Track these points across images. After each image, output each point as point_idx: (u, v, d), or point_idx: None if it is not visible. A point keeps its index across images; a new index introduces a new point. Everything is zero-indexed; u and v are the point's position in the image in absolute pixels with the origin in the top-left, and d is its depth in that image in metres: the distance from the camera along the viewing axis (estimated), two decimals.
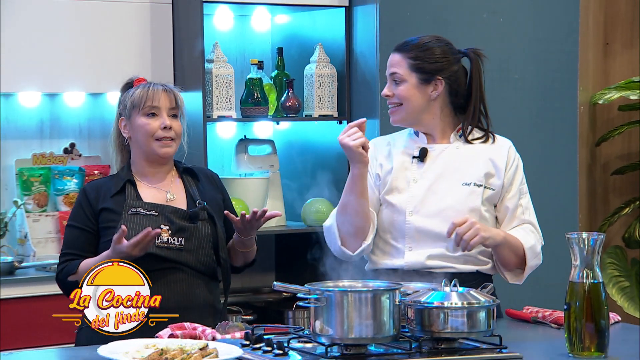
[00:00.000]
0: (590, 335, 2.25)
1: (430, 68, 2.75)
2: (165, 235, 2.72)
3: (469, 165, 2.76)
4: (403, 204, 2.73)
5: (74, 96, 4.03)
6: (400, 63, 2.76)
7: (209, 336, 2.44)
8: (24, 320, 3.57)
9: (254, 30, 4.35)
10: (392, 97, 2.78)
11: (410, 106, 2.76)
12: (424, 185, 2.74)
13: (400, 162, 2.78)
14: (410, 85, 2.75)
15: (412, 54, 2.76)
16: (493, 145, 2.81)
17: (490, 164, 2.77)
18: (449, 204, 2.72)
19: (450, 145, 2.79)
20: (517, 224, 2.77)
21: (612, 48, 4.80)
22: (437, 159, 2.77)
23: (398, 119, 2.80)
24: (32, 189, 3.94)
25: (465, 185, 2.74)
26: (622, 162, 4.78)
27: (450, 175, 2.75)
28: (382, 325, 2.23)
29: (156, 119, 2.76)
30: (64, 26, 3.87)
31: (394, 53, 2.80)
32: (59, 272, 2.78)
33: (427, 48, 2.77)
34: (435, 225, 2.70)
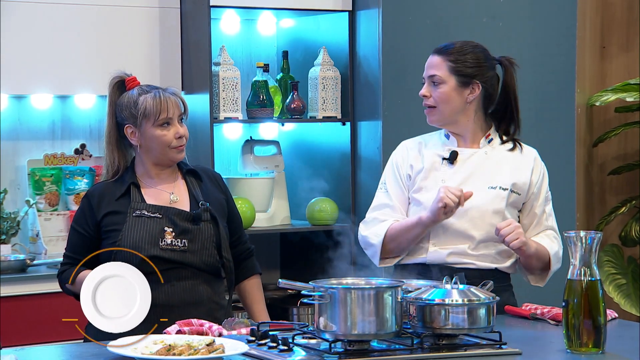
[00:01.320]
0: (587, 331, 2.26)
1: (469, 72, 2.83)
2: (169, 238, 2.72)
3: (496, 170, 2.84)
4: (430, 202, 2.78)
5: (85, 98, 4.05)
6: (440, 65, 2.83)
7: (216, 332, 2.45)
8: (35, 316, 3.59)
9: (259, 34, 4.38)
10: (429, 99, 2.85)
11: (448, 108, 2.83)
12: (452, 186, 2.80)
13: (430, 163, 2.86)
14: (448, 87, 2.83)
15: (452, 57, 2.83)
16: (520, 153, 2.89)
17: (517, 171, 2.85)
18: (474, 205, 2.78)
19: (479, 150, 2.86)
20: (541, 230, 2.87)
21: (608, 51, 4.80)
22: (466, 162, 2.85)
23: (434, 120, 2.87)
24: (43, 189, 3.97)
25: (491, 188, 2.82)
26: (619, 162, 4.78)
27: (477, 178, 2.83)
28: (384, 322, 2.24)
29: (170, 129, 2.74)
30: (75, 30, 3.89)
31: (433, 55, 2.86)
32: (59, 273, 2.81)
33: (467, 52, 2.84)
34: (460, 224, 2.79)
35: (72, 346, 2.56)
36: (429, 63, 2.86)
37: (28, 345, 2.71)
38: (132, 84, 2.80)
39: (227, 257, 2.79)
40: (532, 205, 2.86)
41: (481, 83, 2.84)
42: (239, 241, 2.90)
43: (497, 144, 2.89)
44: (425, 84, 2.86)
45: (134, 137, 2.78)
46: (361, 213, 4.15)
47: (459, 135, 2.88)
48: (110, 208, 2.76)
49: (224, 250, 2.78)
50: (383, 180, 2.94)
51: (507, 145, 2.90)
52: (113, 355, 2.25)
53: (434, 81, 2.84)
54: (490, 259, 2.81)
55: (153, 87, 2.79)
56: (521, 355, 2.29)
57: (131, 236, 2.70)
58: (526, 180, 2.85)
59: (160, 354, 2.19)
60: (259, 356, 2.26)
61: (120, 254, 2.69)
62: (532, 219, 2.87)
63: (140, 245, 2.70)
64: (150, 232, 2.71)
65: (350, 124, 4.17)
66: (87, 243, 2.77)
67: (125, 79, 2.81)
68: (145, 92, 2.76)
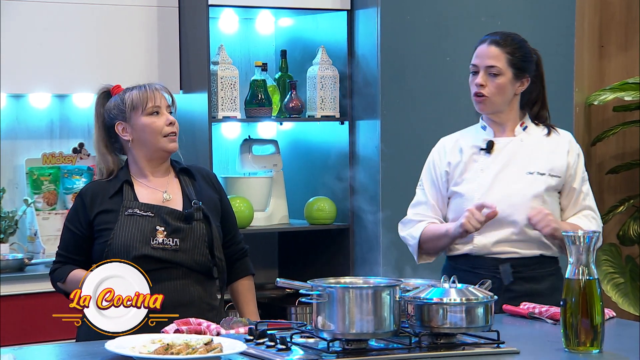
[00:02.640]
0: (585, 330, 2.27)
1: (523, 65, 2.92)
2: (160, 237, 2.72)
3: (533, 156, 2.93)
4: (471, 192, 2.91)
5: (83, 97, 4.05)
6: (499, 57, 2.90)
7: (214, 331, 2.44)
8: (33, 315, 3.60)
9: (258, 33, 4.38)
10: (485, 88, 2.90)
11: (501, 99, 2.91)
12: (491, 174, 2.91)
13: (468, 155, 2.96)
14: (505, 79, 2.90)
15: (510, 50, 2.91)
16: (554, 137, 2.97)
17: (553, 155, 2.94)
18: (514, 191, 2.89)
19: (515, 138, 2.95)
20: (579, 210, 2.95)
21: (607, 50, 4.81)
22: (502, 151, 2.94)
23: (485, 109, 2.94)
24: (41, 188, 3.98)
25: (529, 174, 2.91)
26: (617, 161, 4.79)
27: (514, 165, 2.93)
28: (382, 321, 2.24)
29: (160, 117, 2.76)
30: (74, 29, 3.89)
31: (490, 45, 2.92)
32: (51, 272, 2.82)
33: (520, 46, 2.94)
34: (502, 210, 2.86)
35: (70, 345, 2.57)
36: (485, 53, 2.91)
37: (26, 345, 2.72)
38: (117, 91, 2.83)
39: (219, 256, 2.79)
40: (570, 186, 2.95)
41: (530, 77, 2.94)
42: (232, 241, 2.90)
43: (532, 130, 2.98)
44: (481, 73, 2.91)
45: (125, 133, 2.78)
46: (359, 212, 4.17)
47: (498, 124, 2.96)
48: (103, 207, 2.76)
49: (216, 250, 2.77)
50: (421, 178, 3.04)
51: (542, 130, 2.98)
52: (111, 355, 2.25)
53: (492, 72, 2.89)
54: (536, 245, 2.89)
55: (147, 84, 2.81)
56: (519, 355, 2.29)
57: (123, 235, 2.71)
58: (563, 162, 2.94)
59: (158, 353, 2.19)
60: (257, 355, 2.26)
61: (112, 254, 2.69)
62: (570, 199, 2.95)
63: (131, 244, 2.70)
64: (141, 231, 2.72)
65: (348, 123, 4.18)
66: (79, 242, 2.78)
67: (110, 89, 2.84)
68: (130, 89, 2.80)
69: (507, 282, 2.88)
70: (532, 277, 2.88)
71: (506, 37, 2.93)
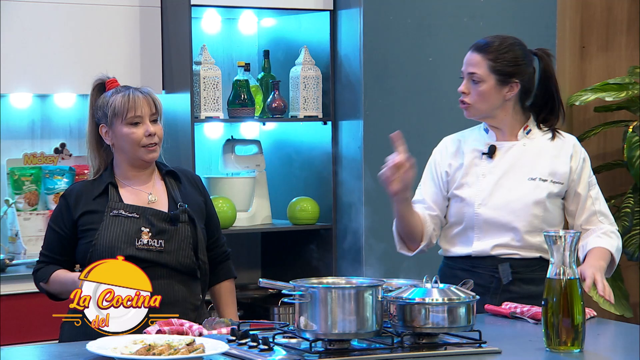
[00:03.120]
0: (566, 330, 2.28)
1: (508, 71, 2.86)
2: (145, 238, 2.72)
3: (535, 162, 2.89)
4: (472, 197, 2.88)
5: (65, 97, 4.04)
6: (480, 64, 2.86)
7: (196, 332, 2.44)
8: (14, 316, 3.59)
9: (240, 33, 4.38)
10: (467, 95, 2.89)
11: (485, 105, 2.88)
12: (492, 180, 2.88)
13: (470, 159, 2.92)
14: (487, 86, 2.86)
15: (492, 56, 2.86)
16: (558, 141, 2.94)
17: (556, 160, 2.90)
18: (515, 197, 2.86)
19: (517, 143, 2.92)
20: (588, 215, 2.91)
21: (588, 51, 4.83)
22: (504, 156, 2.90)
23: (470, 115, 2.92)
24: (23, 188, 3.96)
25: (531, 180, 2.88)
26: (598, 161, 4.79)
27: (517, 170, 2.89)
28: (364, 321, 2.25)
29: (139, 127, 2.74)
30: (55, 29, 3.88)
31: (473, 52, 2.89)
32: (34, 271, 2.81)
33: (506, 51, 2.87)
34: (502, 216, 2.85)
35: (52, 346, 2.56)
36: (468, 60, 2.90)
37: (7, 346, 2.71)
38: (111, 85, 2.81)
39: (203, 258, 2.79)
40: (575, 190, 2.92)
41: (520, 81, 2.88)
42: (216, 244, 2.90)
43: (536, 134, 2.94)
44: (465, 80, 2.90)
45: (107, 137, 2.79)
46: (342, 212, 4.17)
47: (497, 128, 2.93)
48: (88, 207, 2.76)
49: (200, 252, 2.78)
50: (423, 177, 3.01)
51: (546, 135, 2.95)
52: (92, 355, 2.24)
53: (473, 79, 2.87)
54: (535, 248, 2.88)
55: (127, 87, 2.79)
56: (501, 354, 2.30)
57: (107, 235, 2.71)
58: (566, 168, 2.91)
59: (140, 354, 2.19)
60: (240, 356, 2.26)
61: (96, 254, 2.69)
62: (577, 204, 2.92)
63: (115, 245, 2.70)
64: (126, 232, 2.72)
65: (331, 123, 4.19)
66: (63, 242, 2.78)
67: (105, 81, 2.82)
68: (117, 92, 2.78)
69: (506, 281, 2.87)
70: (531, 280, 2.86)
71: (491, 43, 2.88)
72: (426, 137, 4.15)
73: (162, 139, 2.80)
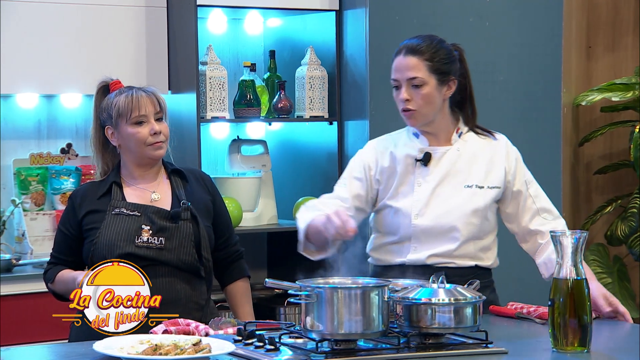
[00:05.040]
0: (573, 330, 2.27)
1: (446, 68, 2.76)
2: (145, 235, 2.72)
3: (470, 167, 2.80)
4: (408, 207, 2.77)
5: (71, 97, 4.05)
6: (418, 66, 2.74)
7: (202, 332, 2.44)
8: (21, 316, 3.60)
9: (246, 34, 4.38)
10: (411, 102, 2.75)
11: (430, 109, 2.76)
12: (428, 189, 2.78)
13: (404, 167, 2.80)
14: (430, 87, 2.75)
15: (428, 56, 2.74)
16: (491, 142, 2.86)
17: (491, 164, 2.82)
18: (452, 207, 2.77)
19: (451, 148, 2.82)
20: (531, 215, 2.82)
21: (594, 51, 4.83)
22: (439, 162, 2.80)
23: (416, 123, 2.79)
24: (29, 188, 3.97)
25: (467, 187, 2.79)
26: (605, 161, 4.81)
27: (452, 178, 2.79)
28: (371, 321, 2.25)
29: (144, 126, 2.75)
30: (62, 29, 3.89)
31: (408, 56, 2.75)
32: (44, 272, 2.83)
33: (439, 48, 2.76)
34: (440, 226, 2.77)
35: (58, 346, 2.57)
36: (403, 65, 2.75)
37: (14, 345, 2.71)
38: (115, 87, 2.82)
39: (206, 257, 2.78)
40: (511, 192, 2.83)
41: (456, 78, 2.78)
42: (227, 243, 2.90)
43: (467, 137, 2.84)
44: (404, 87, 2.76)
45: (113, 138, 2.80)
46: None
47: (430, 133, 2.81)
48: (91, 207, 2.77)
49: (203, 250, 2.77)
50: (345, 176, 2.85)
51: (477, 136, 2.85)
52: (99, 355, 2.25)
53: (414, 84, 2.74)
54: (470, 257, 2.81)
55: (130, 88, 2.80)
56: (507, 355, 2.29)
57: (108, 234, 2.72)
58: (501, 171, 2.82)
59: (146, 354, 2.19)
60: (246, 356, 2.26)
61: (97, 252, 2.70)
62: (517, 205, 2.83)
63: (115, 243, 2.71)
64: (127, 230, 2.72)
65: (337, 123, 4.18)
66: (70, 243, 2.79)
67: (109, 83, 2.83)
68: (121, 92, 2.79)
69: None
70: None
71: (421, 43, 2.75)
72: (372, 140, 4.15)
73: (169, 137, 2.81)
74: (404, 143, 2.83)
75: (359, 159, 2.86)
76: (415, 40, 2.78)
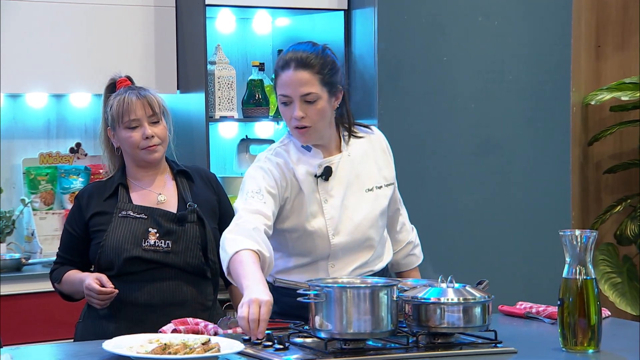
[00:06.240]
0: (583, 330, 2.27)
1: (334, 79, 2.60)
2: (152, 238, 2.72)
3: (364, 170, 2.70)
4: (323, 228, 2.63)
5: (80, 97, 4.06)
6: (311, 81, 2.56)
7: (211, 331, 2.44)
8: (30, 315, 3.61)
9: (255, 33, 4.39)
10: (306, 119, 2.57)
11: (323, 124, 2.61)
12: (336, 204, 2.65)
13: (307, 185, 2.64)
14: (323, 101, 2.58)
15: (318, 68, 2.57)
16: (373, 139, 2.75)
17: (381, 162, 2.75)
18: (363, 216, 2.67)
19: (342, 154, 2.68)
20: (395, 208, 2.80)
21: (603, 50, 4.82)
22: (336, 173, 2.66)
23: (311, 140, 2.62)
24: (39, 188, 3.99)
25: (369, 191, 2.70)
26: (614, 161, 4.80)
27: (353, 185, 2.68)
28: (380, 321, 2.25)
29: (137, 130, 2.74)
30: (71, 29, 3.90)
31: (299, 70, 2.56)
32: (50, 272, 2.84)
33: (324, 58, 2.60)
34: (356, 239, 2.66)
35: (68, 345, 2.57)
36: (295, 80, 2.55)
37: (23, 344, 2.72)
38: (121, 84, 2.81)
39: (212, 259, 2.77)
40: (395, 188, 2.79)
41: (342, 87, 2.64)
42: None
43: (351, 140, 2.71)
44: (297, 104, 2.55)
45: (114, 139, 2.80)
46: None
47: (322, 145, 2.66)
48: (98, 208, 2.77)
49: (210, 253, 2.76)
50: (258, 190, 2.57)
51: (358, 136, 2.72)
52: (108, 354, 2.25)
53: (308, 100, 2.56)
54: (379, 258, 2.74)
55: (127, 89, 2.78)
56: (517, 354, 2.29)
57: (115, 236, 2.71)
58: (390, 166, 2.76)
59: (155, 353, 2.19)
60: (255, 355, 2.26)
61: (104, 255, 2.71)
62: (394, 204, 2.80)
63: (122, 246, 2.70)
64: (133, 233, 2.72)
65: None
66: (77, 243, 2.79)
67: (116, 81, 2.83)
68: (117, 95, 2.78)
69: None
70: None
71: (310, 55, 2.58)
72: (441, 137, 4.16)
73: (166, 139, 2.78)
74: (297, 158, 2.65)
75: (269, 174, 2.61)
76: (302, 51, 2.60)
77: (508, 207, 4.22)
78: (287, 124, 2.63)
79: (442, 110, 4.13)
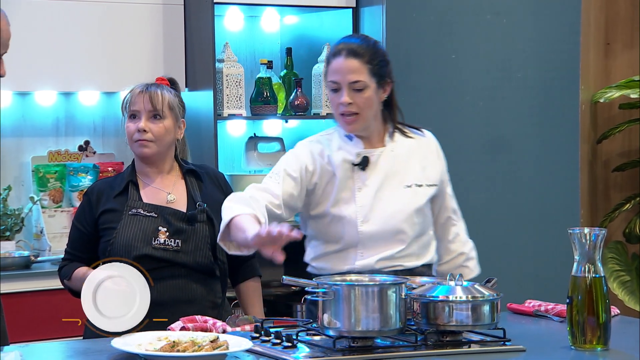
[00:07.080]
0: (592, 328, 2.27)
1: (384, 71, 2.70)
2: (162, 237, 2.73)
3: (406, 167, 2.75)
4: (353, 215, 2.68)
5: (89, 95, 4.07)
6: (360, 69, 2.65)
7: (220, 329, 2.45)
8: (39, 313, 3.61)
9: (263, 31, 4.39)
10: (352, 105, 2.66)
11: (370, 113, 2.69)
12: (370, 193, 2.70)
13: (342, 172, 2.70)
14: (371, 91, 2.67)
15: (368, 58, 2.67)
16: (422, 141, 2.82)
17: (426, 161, 2.78)
18: (396, 209, 2.70)
19: (385, 149, 2.74)
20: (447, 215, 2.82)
21: (612, 48, 4.81)
22: (377, 165, 2.72)
23: (358, 128, 2.70)
24: (47, 185, 3.99)
25: (407, 187, 2.73)
26: (623, 159, 4.79)
27: (391, 179, 2.72)
28: (388, 319, 2.25)
29: (135, 122, 2.78)
30: (79, 27, 3.90)
31: (349, 59, 2.66)
32: (59, 269, 2.85)
33: (377, 50, 2.70)
34: (386, 231, 2.70)
35: (76, 342, 2.58)
36: (345, 67, 2.65)
37: (32, 342, 2.73)
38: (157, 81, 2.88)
39: (221, 259, 2.79)
40: (445, 191, 2.82)
41: (391, 80, 2.73)
42: None
43: (396, 137, 2.77)
44: (344, 90, 2.65)
45: None
46: None
47: (365, 136, 2.73)
48: (108, 206, 2.78)
49: (219, 252, 2.77)
50: (278, 172, 2.69)
51: (406, 135, 2.79)
52: (117, 352, 2.26)
53: (356, 88, 2.65)
54: (415, 256, 2.76)
55: (148, 84, 2.84)
56: (525, 352, 2.30)
57: (125, 234, 2.73)
58: (436, 168, 2.80)
59: (164, 350, 2.20)
60: (263, 353, 2.27)
61: (114, 253, 2.72)
62: (440, 203, 2.82)
63: (132, 244, 2.72)
64: (144, 231, 2.73)
65: None
66: (86, 240, 2.81)
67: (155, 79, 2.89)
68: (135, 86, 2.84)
69: None
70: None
71: (361, 45, 2.67)
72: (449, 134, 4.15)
73: (164, 138, 2.78)
74: (338, 146, 2.73)
75: (295, 159, 2.71)
76: (354, 42, 2.70)
77: (516, 205, 4.22)
78: (334, 112, 2.71)
79: (451, 108, 4.12)
